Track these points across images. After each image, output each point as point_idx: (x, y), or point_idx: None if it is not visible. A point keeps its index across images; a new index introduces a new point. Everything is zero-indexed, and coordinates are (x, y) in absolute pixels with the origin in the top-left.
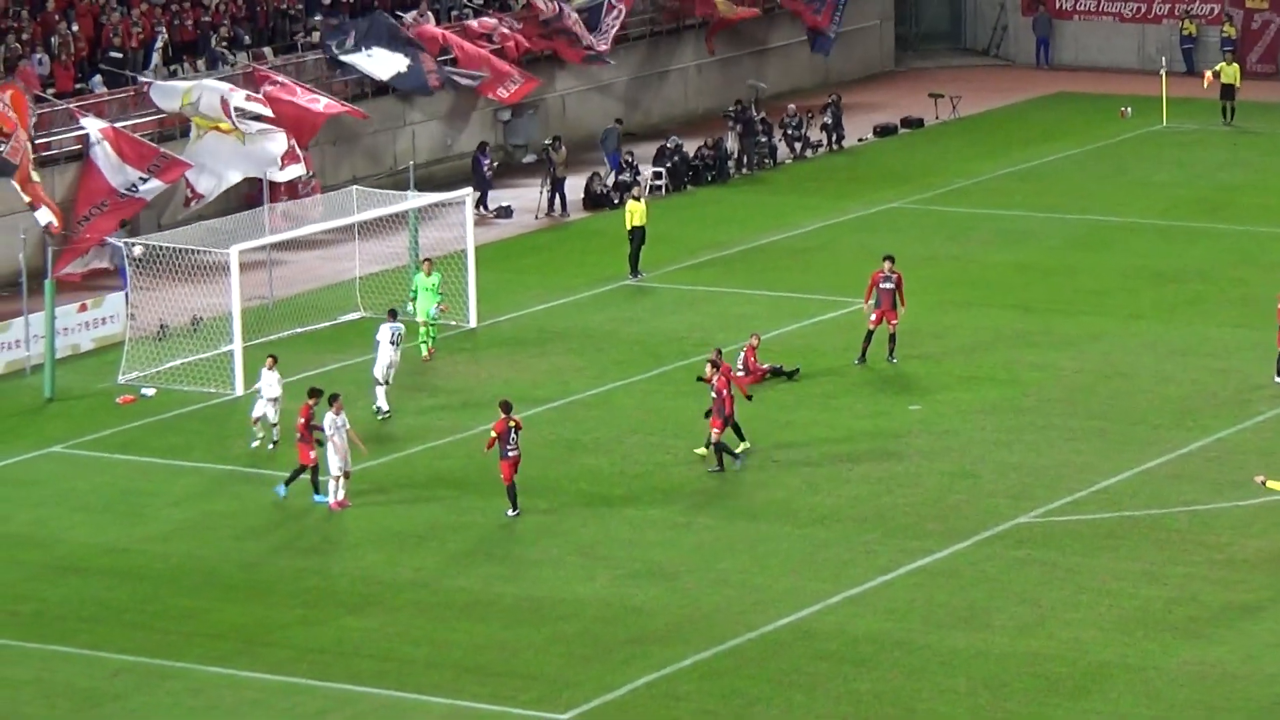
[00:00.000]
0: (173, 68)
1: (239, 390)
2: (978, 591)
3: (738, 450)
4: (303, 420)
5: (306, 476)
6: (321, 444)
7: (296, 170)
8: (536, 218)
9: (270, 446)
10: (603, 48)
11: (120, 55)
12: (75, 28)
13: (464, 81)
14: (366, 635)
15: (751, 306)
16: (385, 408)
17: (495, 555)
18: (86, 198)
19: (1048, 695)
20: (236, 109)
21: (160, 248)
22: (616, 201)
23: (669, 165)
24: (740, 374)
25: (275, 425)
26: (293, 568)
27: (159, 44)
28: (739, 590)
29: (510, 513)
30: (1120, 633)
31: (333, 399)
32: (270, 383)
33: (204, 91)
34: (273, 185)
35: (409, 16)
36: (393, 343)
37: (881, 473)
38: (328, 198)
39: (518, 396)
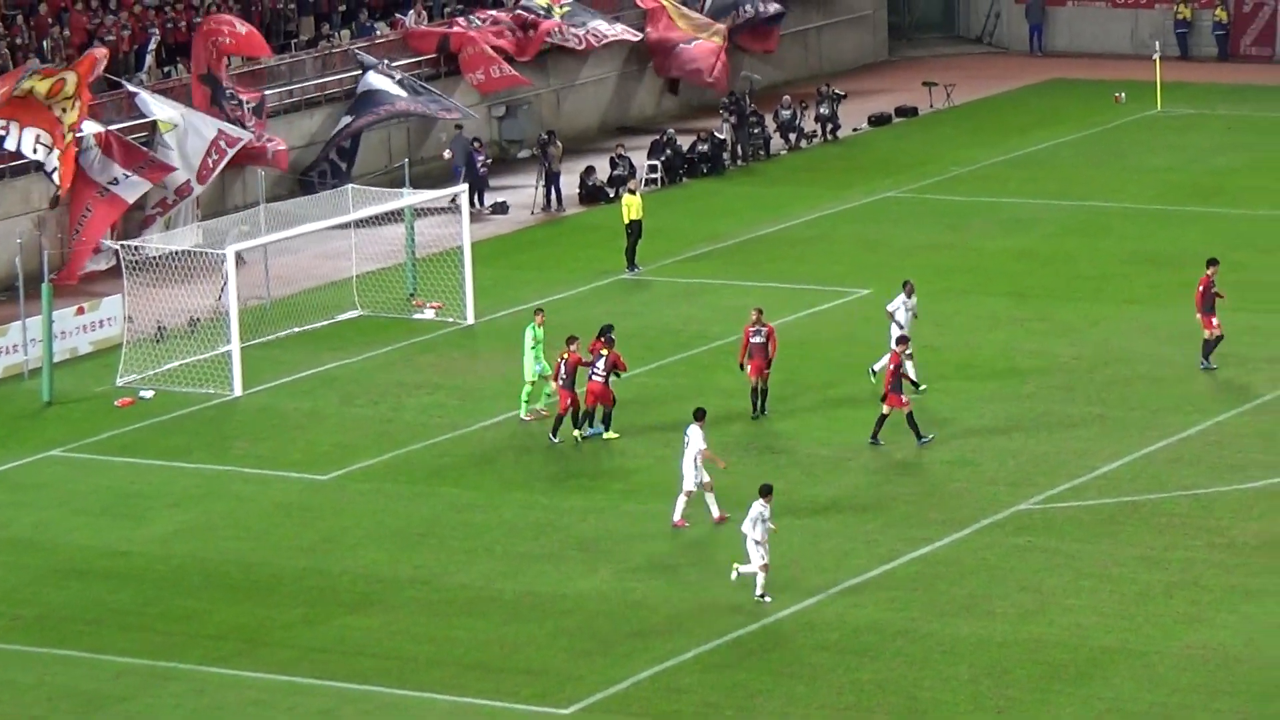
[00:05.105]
0: (166, 70)
1: (237, 391)
2: (979, 579)
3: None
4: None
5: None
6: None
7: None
8: (532, 213)
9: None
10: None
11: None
12: (67, 32)
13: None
14: (368, 634)
15: (749, 298)
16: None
17: (495, 552)
18: (78, 203)
19: (1050, 682)
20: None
21: (156, 249)
22: (612, 195)
23: (664, 158)
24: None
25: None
26: (293, 567)
27: (152, 46)
28: (739, 583)
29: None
30: (1121, 618)
31: (699, 414)
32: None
33: (189, 129)
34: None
35: (408, 19)
36: None
37: (881, 462)
38: (322, 197)
39: (517, 392)
